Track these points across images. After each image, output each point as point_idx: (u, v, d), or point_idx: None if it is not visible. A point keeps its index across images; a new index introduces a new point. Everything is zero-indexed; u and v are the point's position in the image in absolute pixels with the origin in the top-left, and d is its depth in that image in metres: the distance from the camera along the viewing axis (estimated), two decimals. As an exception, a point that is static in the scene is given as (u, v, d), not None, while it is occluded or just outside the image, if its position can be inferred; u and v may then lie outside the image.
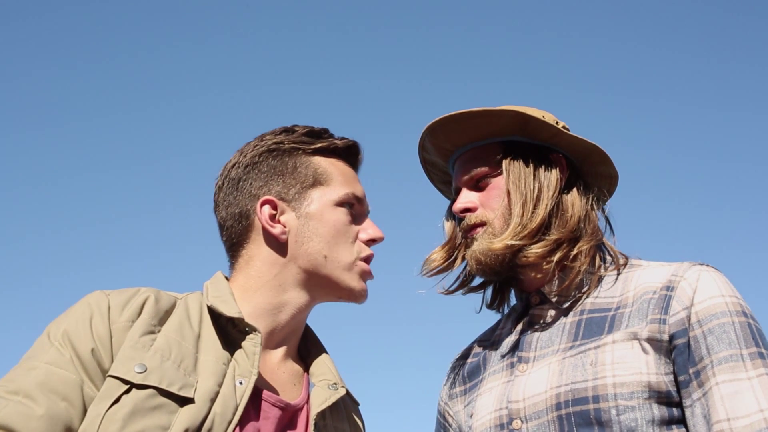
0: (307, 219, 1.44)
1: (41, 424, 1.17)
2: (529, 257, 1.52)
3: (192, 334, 1.34)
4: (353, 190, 1.49)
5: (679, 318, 1.38)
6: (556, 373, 1.45)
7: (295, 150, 1.48)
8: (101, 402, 1.21)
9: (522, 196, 1.55)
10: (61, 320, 1.30)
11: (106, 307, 1.29)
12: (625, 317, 1.45)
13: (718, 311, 1.37)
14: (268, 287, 1.43)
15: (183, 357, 1.29)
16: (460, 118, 1.59)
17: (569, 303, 1.54)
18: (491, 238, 1.54)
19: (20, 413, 1.17)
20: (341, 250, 1.44)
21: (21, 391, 1.19)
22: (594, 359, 1.41)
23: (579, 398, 1.39)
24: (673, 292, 1.41)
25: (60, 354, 1.24)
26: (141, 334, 1.28)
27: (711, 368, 1.33)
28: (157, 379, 1.23)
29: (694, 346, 1.36)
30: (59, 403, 1.20)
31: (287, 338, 1.47)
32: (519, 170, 1.57)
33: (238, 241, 1.47)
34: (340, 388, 1.45)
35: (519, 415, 1.45)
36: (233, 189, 1.48)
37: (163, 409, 1.22)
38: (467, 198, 1.60)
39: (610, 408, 1.35)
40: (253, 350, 1.34)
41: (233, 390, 1.29)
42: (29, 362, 1.24)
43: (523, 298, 1.64)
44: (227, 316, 1.36)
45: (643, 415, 1.34)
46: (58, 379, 1.21)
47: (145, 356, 1.25)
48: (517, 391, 1.48)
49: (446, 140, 1.65)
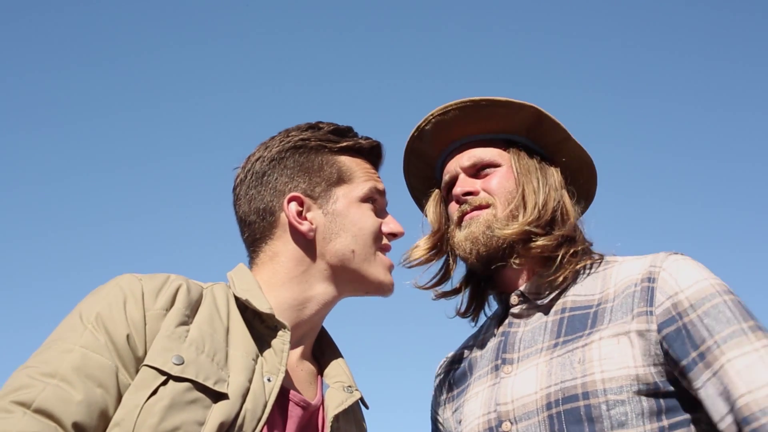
0: (334, 216, 1.44)
1: (80, 409, 1.13)
2: (536, 247, 1.53)
3: (222, 326, 1.32)
4: (375, 185, 1.50)
5: (665, 308, 1.39)
6: (544, 373, 1.45)
7: (321, 148, 1.48)
8: (138, 392, 1.18)
9: (535, 185, 1.57)
10: (93, 302, 1.25)
11: (140, 292, 1.26)
12: (608, 312, 1.47)
13: (707, 294, 1.39)
14: (294, 283, 1.42)
15: (216, 350, 1.27)
16: (483, 104, 1.59)
17: (549, 300, 1.55)
18: (498, 224, 1.54)
19: (59, 397, 1.13)
20: (367, 245, 1.45)
21: (57, 374, 1.15)
22: (582, 357, 1.42)
23: (569, 396, 1.39)
24: (655, 284, 1.43)
25: (95, 338, 1.20)
26: (176, 324, 1.25)
27: (717, 347, 1.34)
28: (194, 372, 1.21)
29: (692, 331, 1.36)
30: (96, 389, 1.16)
31: (306, 336, 1.46)
32: (527, 163, 1.60)
33: (261, 237, 1.46)
34: (354, 391, 1.45)
35: (508, 417, 1.45)
36: (257, 183, 1.46)
37: (199, 404, 1.20)
38: (469, 182, 1.60)
39: (600, 404, 1.36)
40: (282, 347, 1.33)
41: (262, 387, 1.28)
42: (62, 344, 1.19)
43: (502, 299, 1.64)
44: (258, 311, 1.35)
45: (633, 408, 1.35)
46: (95, 364, 1.17)
47: (182, 348, 1.23)
48: (504, 393, 1.48)
49: (455, 126, 1.63)
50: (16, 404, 1.11)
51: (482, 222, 1.55)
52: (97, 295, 1.27)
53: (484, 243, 1.54)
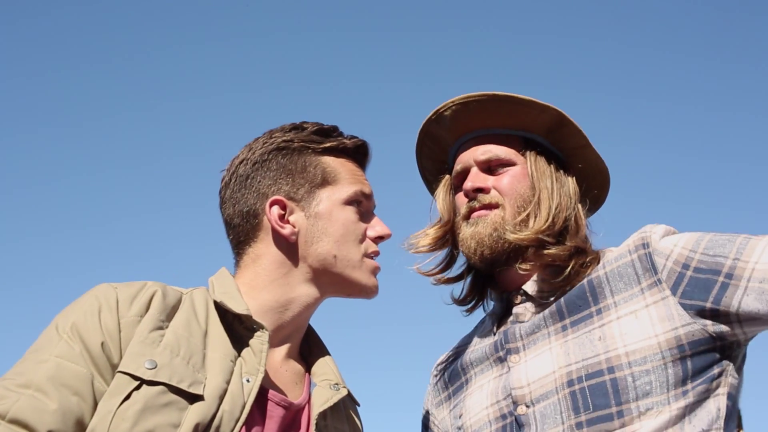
0: (316, 219, 1.43)
1: (55, 418, 1.15)
2: (549, 256, 1.51)
3: (199, 330, 1.33)
4: (361, 188, 1.48)
5: (669, 269, 1.41)
6: (561, 354, 1.44)
7: (304, 149, 1.47)
8: (111, 398, 1.19)
9: (550, 191, 1.54)
10: (69, 313, 1.28)
11: (115, 300, 1.27)
12: (603, 280, 1.47)
13: (696, 237, 1.43)
14: (276, 285, 1.42)
15: (192, 353, 1.28)
16: (506, 100, 1.57)
17: (552, 298, 1.54)
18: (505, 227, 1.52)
19: (33, 407, 1.14)
20: (350, 249, 1.44)
21: (32, 385, 1.17)
22: (601, 334, 1.42)
23: (593, 372, 1.39)
24: (649, 248, 1.45)
25: (70, 347, 1.22)
26: (150, 330, 1.27)
27: (736, 261, 1.36)
28: (168, 375, 1.22)
29: (704, 267, 1.38)
30: (71, 397, 1.17)
31: (290, 336, 1.46)
32: (543, 167, 1.57)
33: (245, 239, 1.46)
34: (341, 388, 1.45)
35: (524, 401, 1.44)
36: (241, 186, 1.46)
37: (174, 406, 1.20)
38: (481, 178, 1.58)
39: (625, 376, 1.36)
40: (260, 348, 1.34)
41: (240, 388, 1.28)
42: (37, 355, 1.22)
43: (503, 298, 1.62)
44: (235, 313, 1.35)
45: (657, 377, 1.36)
46: (69, 373, 1.19)
47: (155, 352, 1.24)
48: (518, 378, 1.47)
49: (475, 118, 1.61)
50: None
51: (489, 223, 1.53)
52: (73, 306, 1.29)
53: (490, 245, 1.53)
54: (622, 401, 1.35)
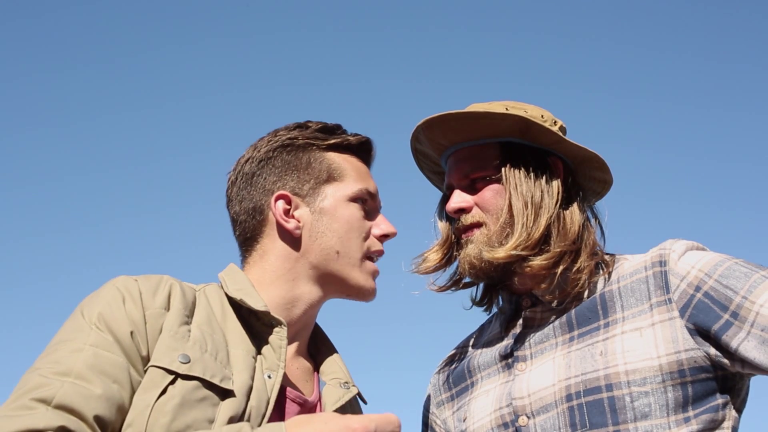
0: (321, 214, 1.44)
1: (100, 404, 1.14)
2: (532, 268, 1.50)
3: (219, 327, 1.33)
4: (366, 186, 1.49)
5: (681, 290, 1.40)
6: (562, 366, 1.44)
7: (309, 145, 1.48)
8: (147, 392, 1.18)
9: (524, 202, 1.51)
10: (92, 303, 1.26)
11: (137, 291, 1.27)
12: (616, 295, 1.47)
13: (716, 261, 1.40)
14: (282, 281, 1.42)
15: (218, 349, 1.28)
16: (461, 118, 1.55)
17: (563, 304, 1.53)
18: (489, 245, 1.50)
19: (79, 393, 1.13)
20: (353, 246, 1.44)
21: (72, 373, 1.15)
22: (603, 349, 1.41)
23: (591, 388, 1.38)
24: (666, 267, 1.43)
25: (102, 337, 1.20)
26: (179, 324, 1.26)
27: (746, 300, 1.34)
28: (201, 370, 1.22)
29: (715, 296, 1.36)
30: (112, 384, 1.16)
31: (299, 334, 1.46)
32: (519, 175, 1.54)
33: (252, 236, 1.46)
34: (351, 387, 1.45)
35: (525, 411, 1.44)
36: (247, 184, 1.47)
37: (208, 402, 1.20)
38: (461, 198, 1.56)
39: (624, 395, 1.35)
40: (279, 344, 1.34)
41: (263, 384, 1.29)
42: (70, 344, 1.19)
43: (513, 300, 1.62)
44: (253, 309, 1.35)
45: (657, 399, 1.34)
46: (107, 361, 1.18)
47: (186, 347, 1.24)
48: (520, 388, 1.47)
49: (442, 137, 1.60)
50: (37, 401, 1.11)
51: (476, 243, 1.53)
52: (95, 297, 1.28)
53: (480, 267, 1.53)
54: (619, 421, 1.35)
